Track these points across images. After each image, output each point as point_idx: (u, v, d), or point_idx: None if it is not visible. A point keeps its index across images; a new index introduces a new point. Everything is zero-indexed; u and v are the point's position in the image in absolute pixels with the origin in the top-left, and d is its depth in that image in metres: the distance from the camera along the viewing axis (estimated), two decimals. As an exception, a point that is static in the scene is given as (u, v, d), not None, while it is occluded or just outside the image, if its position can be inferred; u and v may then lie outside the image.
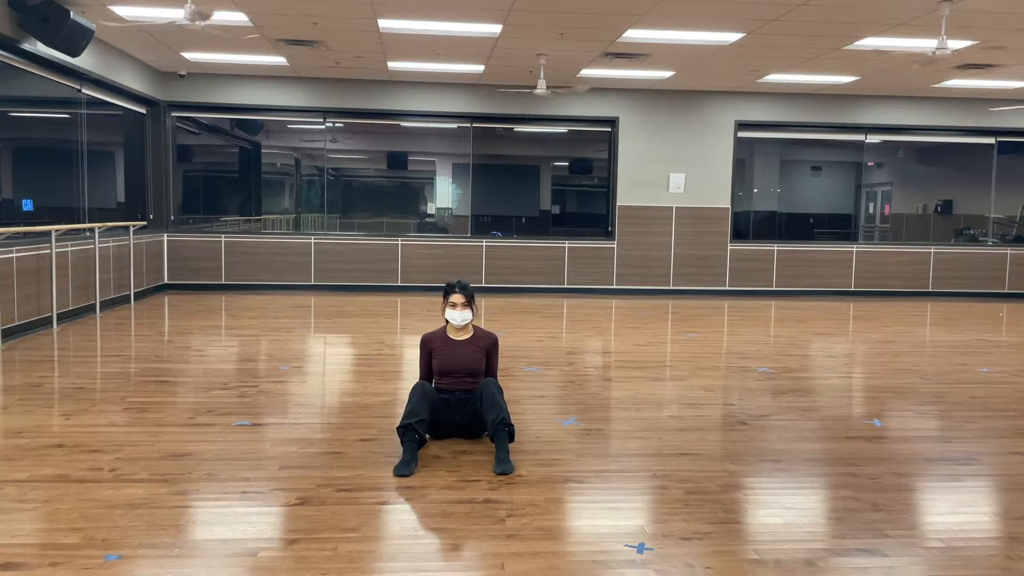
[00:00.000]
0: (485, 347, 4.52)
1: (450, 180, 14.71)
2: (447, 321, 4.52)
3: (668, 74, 10.63)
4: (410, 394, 4.18)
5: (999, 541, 3.24)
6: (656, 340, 8.10)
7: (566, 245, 12.10)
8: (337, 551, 2.98)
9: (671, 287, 12.18)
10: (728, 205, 12.19)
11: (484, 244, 12.00)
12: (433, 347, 4.50)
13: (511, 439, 4.05)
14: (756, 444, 4.48)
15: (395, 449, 4.11)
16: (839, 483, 3.85)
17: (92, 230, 9.01)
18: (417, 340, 4.60)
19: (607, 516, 3.40)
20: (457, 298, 4.47)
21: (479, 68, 10.43)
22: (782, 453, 4.32)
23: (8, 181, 9.08)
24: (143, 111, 11.18)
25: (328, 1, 7.39)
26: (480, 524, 3.27)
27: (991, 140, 12.82)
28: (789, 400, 5.54)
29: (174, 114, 11.63)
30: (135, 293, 10.09)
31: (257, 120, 12.91)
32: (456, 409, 4.33)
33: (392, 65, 10.45)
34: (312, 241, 11.78)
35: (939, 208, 14.82)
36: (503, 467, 3.87)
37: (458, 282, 4.54)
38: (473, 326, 4.58)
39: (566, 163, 14.68)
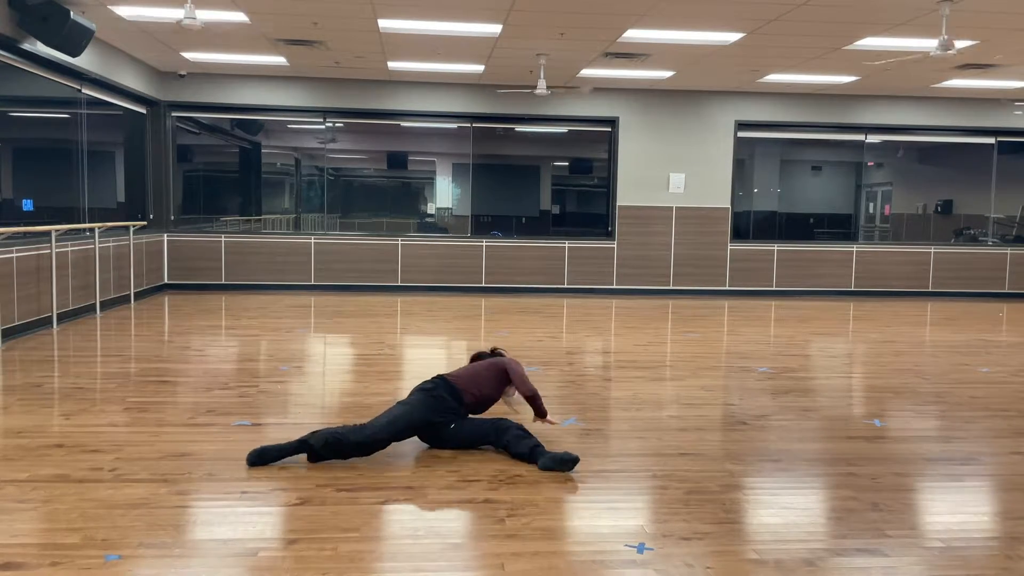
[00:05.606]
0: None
1: (450, 180, 14.71)
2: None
3: (668, 74, 10.63)
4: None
5: (999, 541, 3.24)
6: (656, 340, 8.10)
7: (566, 245, 12.10)
8: (337, 551, 2.98)
9: (671, 287, 12.19)
10: (728, 205, 12.19)
11: (484, 244, 12.00)
12: None
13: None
14: (756, 444, 4.48)
15: (397, 449, 4.11)
16: (839, 483, 3.85)
17: (92, 230, 9.01)
18: (417, 340, 4.60)
19: (607, 516, 3.40)
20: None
21: (479, 68, 10.43)
22: (782, 453, 4.32)
23: (8, 181, 9.08)
24: (143, 111, 11.17)
25: (328, 1, 7.39)
26: (480, 524, 3.27)
27: (991, 140, 12.82)
28: (789, 400, 5.54)
29: (174, 114, 11.62)
30: (135, 293, 10.09)
31: (257, 120, 12.91)
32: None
33: (392, 65, 10.45)
34: (312, 241, 11.78)
35: (939, 208, 14.82)
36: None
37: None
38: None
39: (566, 163, 14.68)
